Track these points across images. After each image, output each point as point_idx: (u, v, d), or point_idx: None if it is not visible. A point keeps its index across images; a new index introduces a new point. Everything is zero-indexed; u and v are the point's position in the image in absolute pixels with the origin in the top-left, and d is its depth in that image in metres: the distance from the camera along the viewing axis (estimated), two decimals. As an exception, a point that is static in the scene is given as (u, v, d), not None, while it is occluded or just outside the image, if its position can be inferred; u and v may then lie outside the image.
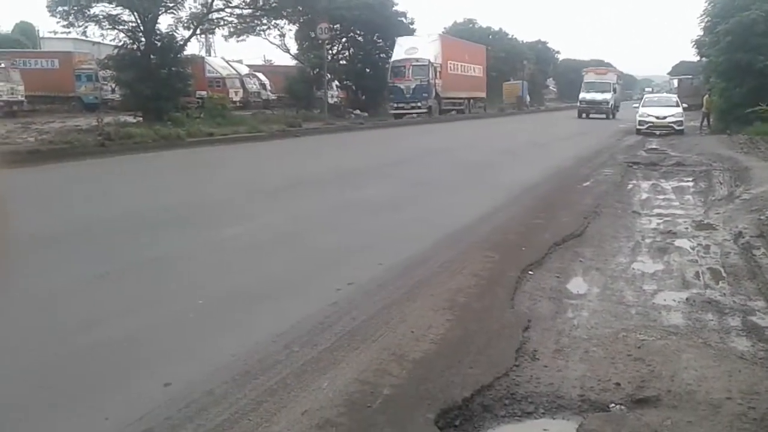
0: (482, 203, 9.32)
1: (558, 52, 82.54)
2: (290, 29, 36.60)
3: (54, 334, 4.31)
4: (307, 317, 4.58)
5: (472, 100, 44.48)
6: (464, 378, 3.71)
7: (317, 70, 33.82)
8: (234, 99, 39.26)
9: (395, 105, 35.27)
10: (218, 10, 26.08)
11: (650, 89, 63.51)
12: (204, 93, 29.81)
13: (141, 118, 21.90)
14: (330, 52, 35.75)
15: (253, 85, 46.03)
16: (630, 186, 11.72)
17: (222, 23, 27.74)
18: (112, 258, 6.18)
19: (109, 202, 9.43)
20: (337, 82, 42.33)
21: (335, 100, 42.09)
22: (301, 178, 12.04)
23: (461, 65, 41.53)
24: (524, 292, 5.37)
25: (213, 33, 35.17)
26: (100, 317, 4.59)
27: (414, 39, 37.25)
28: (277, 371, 3.73)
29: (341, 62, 40.02)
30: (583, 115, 38.62)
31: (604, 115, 37.96)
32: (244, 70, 47.55)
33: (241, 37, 33.72)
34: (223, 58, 47.69)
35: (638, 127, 25.53)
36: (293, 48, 38.73)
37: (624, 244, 7.11)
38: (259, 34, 34.83)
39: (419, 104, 34.72)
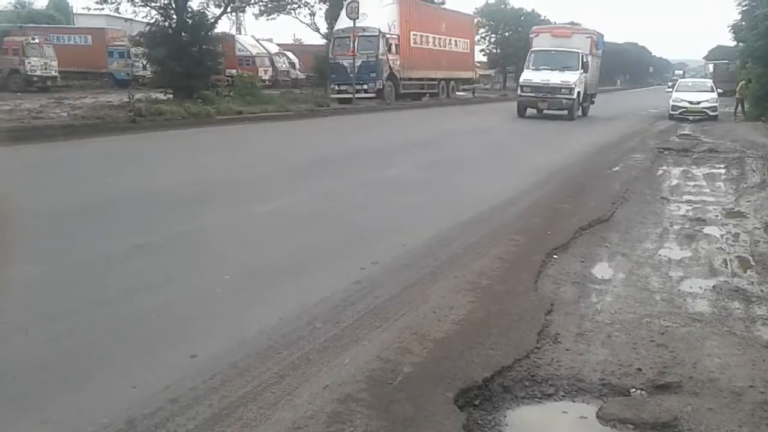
0: (508, 186, 9.28)
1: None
2: (320, 8, 36.55)
3: (87, 303, 4.41)
4: (331, 295, 4.63)
5: (453, 82, 35.30)
6: (485, 359, 3.73)
7: (346, 49, 33.65)
8: (263, 78, 39.33)
9: (336, 87, 28.17)
10: (249, -12, 26.16)
11: (681, 72, 61.70)
12: (234, 71, 29.92)
13: (171, 95, 22.10)
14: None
15: (282, 64, 46.10)
16: (660, 172, 11.56)
17: (253, 1, 27.82)
18: (145, 231, 6.30)
19: (142, 176, 9.57)
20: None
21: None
22: (329, 156, 12.07)
23: (434, 38, 32.91)
24: (548, 275, 5.36)
25: (243, 11, 35.38)
26: (132, 288, 4.70)
27: (365, 2, 28.24)
28: (300, 346, 3.78)
29: (370, 42, 39.73)
30: (529, 111, 23.67)
31: (565, 112, 22.81)
32: (274, 49, 47.62)
33: (271, 16, 33.83)
34: (253, 37, 47.81)
35: (671, 112, 25.12)
36: (323, 27, 38.61)
37: (651, 230, 7.03)
38: (289, 13, 34.90)
39: (365, 86, 27.39)
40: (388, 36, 28.05)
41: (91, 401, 3.18)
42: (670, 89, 31.57)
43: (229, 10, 25.91)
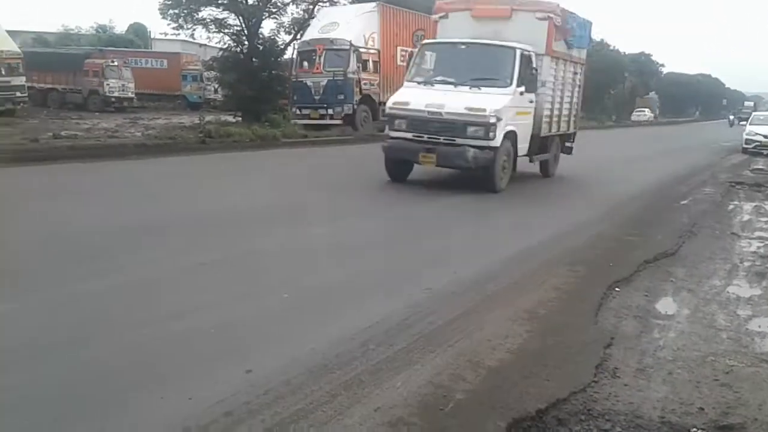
0: (571, 216, 9.14)
1: (662, 65, 79.65)
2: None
3: (151, 317, 4.55)
4: (386, 318, 4.64)
5: None
6: (540, 390, 3.66)
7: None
8: (329, 102, 39.94)
9: (298, 110, 23.45)
10: (319, 16, 26.74)
11: (752, 104, 59.56)
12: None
13: (240, 118, 22.72)
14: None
15: (348, 90, 46.74)
16: (731, 207, 11.15)
17: (321, 29, 28.40)
18: (209, 249, 6.49)
19: (208, 196, 9.87)
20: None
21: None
22: (386, 182, 12.12)
23: None
24: (609, 308, 5.23)
25: (312, 38, 36.08)
26: (194, 304, 4.83)
27: (338, 10, 24.99)
28: (352, 367, 3.80)
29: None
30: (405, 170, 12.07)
31: (477, 172, 11.10)
32: (340, 75, 48.35)
33: (338, 42, 34.35)
34: (320, 63, 48.72)
35: (744, 145, 24.30)
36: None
37: (720, 266, 6.79)
38: (356, 40, 35.35)
39: (330, 111, 22.70)
40: (362, 50, 23.30)
41: (148, 410, 3.27)
42: (743, 122, 30.36)
43: (298, 37, 26.52)
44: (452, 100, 10.82)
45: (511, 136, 11.21)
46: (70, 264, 5.87)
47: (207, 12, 23.27)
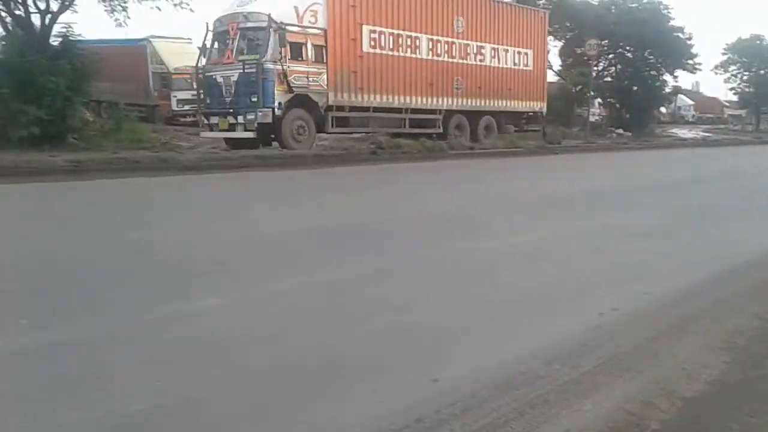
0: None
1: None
2: (555, 45, 36.39)
3: (337, 318, 4.78)
4: (568, 337, 4.53)
5: (488, 118, 22.38)
6: (743, 426, 3.39)
7: (579, 87, 33.03)
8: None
9: (206, 117, 17.61)
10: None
11: None
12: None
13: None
14: (595, 68, 34.66)
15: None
16: None
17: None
18: (388, 255, 6.75)
19: (382, 204, 10.25)
20: (599, 100, 40.93)
21: (596, 118, 40.68)
22: (559, 196, 11.86)
23: (433, 41, 19.92)
24: (820, 343, 4.74)
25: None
26: (379, 308, 5.01)
27: None
28: (538, 386, 3.74)
29: (606, 79, 38.71)
30: None
31: None
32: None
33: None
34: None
35: None
36: (556, 64, 38.33)
37: None
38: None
39: (240, 119, 16.25)
40: (293, 30, 16.44)
41: (342, 409, 3.42)
42: None
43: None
44: None
45: None
46: (262, 263, 6.33)
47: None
